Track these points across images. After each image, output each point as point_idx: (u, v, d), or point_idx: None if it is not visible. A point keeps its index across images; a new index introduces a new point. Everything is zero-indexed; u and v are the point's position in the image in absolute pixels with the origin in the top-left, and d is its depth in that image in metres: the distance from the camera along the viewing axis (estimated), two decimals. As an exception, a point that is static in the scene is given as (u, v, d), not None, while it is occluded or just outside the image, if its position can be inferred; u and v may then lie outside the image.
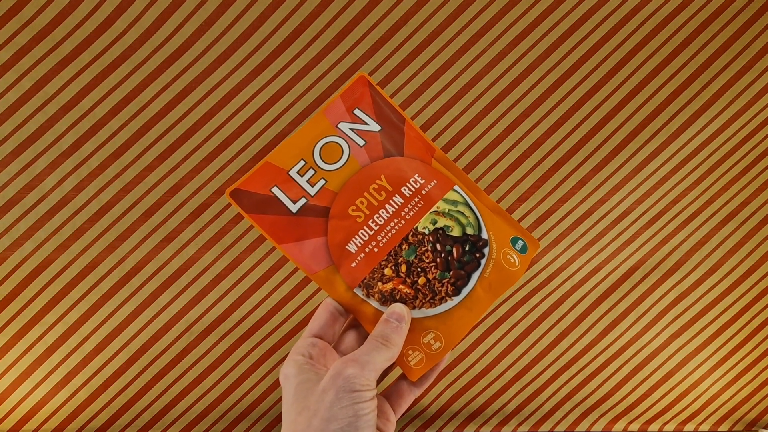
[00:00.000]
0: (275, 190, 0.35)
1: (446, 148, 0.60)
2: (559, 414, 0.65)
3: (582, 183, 0.61)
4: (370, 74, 0.59)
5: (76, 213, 0.58)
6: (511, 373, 0.64)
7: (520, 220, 0.62)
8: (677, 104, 0.61)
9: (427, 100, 0.59)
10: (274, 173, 0.35)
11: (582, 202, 0.62)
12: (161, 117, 0.57)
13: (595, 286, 0.63)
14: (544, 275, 0.63)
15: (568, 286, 0.63)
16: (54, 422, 0.60)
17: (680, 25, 0.60)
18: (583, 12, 0.59)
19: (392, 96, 0.59)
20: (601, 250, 0.63)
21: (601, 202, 0.62)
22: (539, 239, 0.62)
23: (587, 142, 0.61)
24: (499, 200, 0.61)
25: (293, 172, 0.35)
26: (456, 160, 0.60)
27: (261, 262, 0.60)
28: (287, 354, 0.33)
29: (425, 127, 0.60)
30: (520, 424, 0.65)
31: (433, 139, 0.60)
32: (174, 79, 0.57)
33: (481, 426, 0.65)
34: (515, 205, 0.61)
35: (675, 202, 0.63)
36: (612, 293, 0.63)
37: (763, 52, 0.61)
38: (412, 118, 0.59)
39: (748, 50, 0.61)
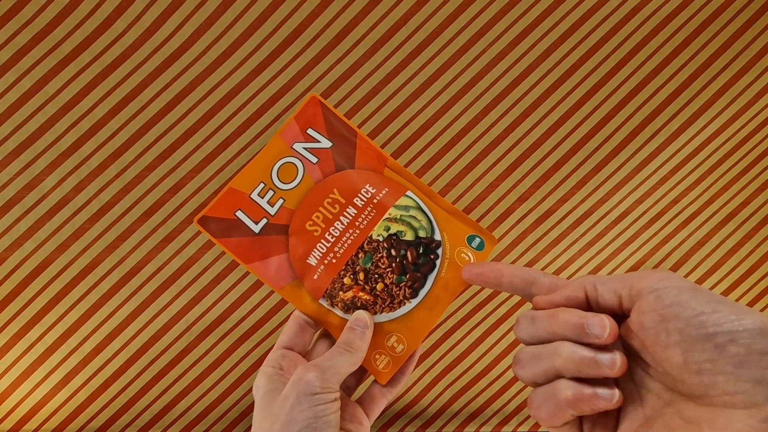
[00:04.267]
0: (239, 214, 0.37)
1: (446, 148, 0.60)
2: (559, 414, 0.65)
3: (582, 183, 0.62)
4: (370, 74, 0.59)
5: (76, 213, 0.58)
6: (511, 373, 0.64)
7: (520, 220, 0.62)
8: (677, 104, 0.61)
9: (427, 100, 0.59)
10: (237, 198, 0.37)
11: (582, 202, 0.62)
12: (161, 117, 0.57)
13: (595, 286, 0.63)
14: (544, 275, 0.63)
15: (568, 286, 0.63)
16: (54, 422, 0.60)
17: (680, 25, 0.60)
18: (583, 12, 0.59)
19: (392, 96, 0.59)
20: (601, 250, 0.63)
21: (601, 202, 0.62)
22: (539, 239, 0.62)
23: (587, 142, 0.61)
24: (499, 200, 0.61)
25: (254, 195, 0.37)
26: (456, 160, 0.60)
27: (261, 262, 0.60)
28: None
29: (425, 128, 0.60)
30: (520, 424, 0.65)
31: (433, 140, 0.60)
32: (174, 79, 0.57)
33: (481, 426, 0.65)
34: (515, 205, 0.61)
35: (675, 202, 0.63)
36: (612, 293, 0.63)
37: (763, 52, 0.61)
38: (412, 119, 0.59)
39: (748, 50, 0.61)
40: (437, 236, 0.36)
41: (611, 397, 0.24)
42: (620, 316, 0.26)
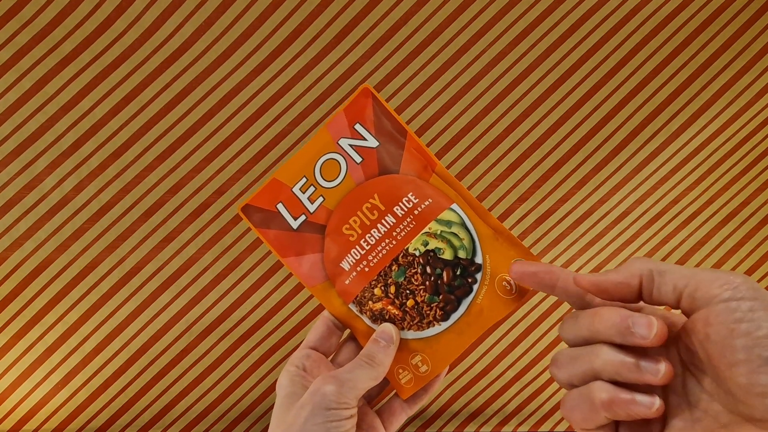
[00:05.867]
0: (279, 207, 0.36)
1: (446, 148, 0.60)
2: (559, 414, 0.65)
3: (582, 183, 0.61)
4: (370, 74, 0.59)
5: (76, 213, 0.58)
6: (511, 373, 0.64)
7: (520, 220, 0.62)
8: (677, 104, 0.61)
9: (427, 100, 0.59)
10: (280, 190, 0.36)
11: (582, 202, 0.62)
12: (161, 117, 0.57)
13: (595, 286, 0.63)
14: (544, 275, 0.63)
15: (568, 286, 0.63)
16: (54, 422, 0.60)
17: (680, 25, 0.60)
18: (583, 12, 0.59)
19: (392, 96, 0.59)
20: (601, 250, 0.63)
21: (601, 202, 0.62)
22: (539, 239, 0.62)
23: (587, 142, 0.61)
24: (499, 200, 0.61)
25: (296, 189, 0.36)
26: (456, 160, 0.60)
27: (261, 262, 0.60)
28: (287, 355, 0.33)
29: (425, 128, 0.60)
30: (520, 424, 0.65)
31: (433, 140, 0.60)
32: (174, 79, 0.57)
33: (481, 426, 0.65)
34: (515, 205, 0.61)
35: (675, 202, 0.63)
36: (612, 293, 0.63)
37: (763, 52, 0.61)
38: (412, 119, 0.59)
39: (748, 50, 0.61)
40: (478, 259, 0.34)
41: (650, 405, 0.22)
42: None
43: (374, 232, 0.34)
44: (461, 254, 0.34)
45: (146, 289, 0.59)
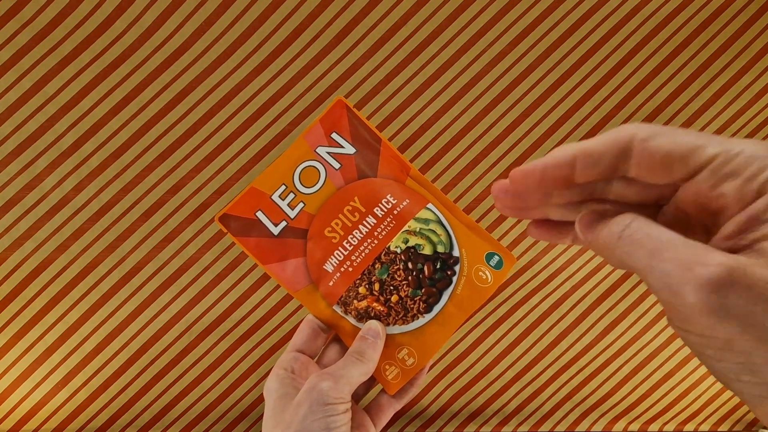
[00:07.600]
0: (259, 214, 0.37)
1: (446, 148, 0.60)
2: (559, 414, 0.65)
3: (582, 183, 0.61)
4: (370, 74, 0.59)
5: (76, 213, 0.58)
6: (511, 373, 0.64)
7: (520, 219, 0.62)
8: (677, 104, 0.61)
9: (427, 100, 0.59)
10: (258, 198, 0.37)
11: (582, 202, 0.62)
12: (161, 117, 0.57)
13: (595, 286, 0.63)
14: (544, 275, 0.63)
15: (568, 286, 0.63)
16: (54, 422, 0.60)
17: (680, 25, 0.60)
18: (583, 12, 0.59)
19: (392, 96, 0.59)
20: (601, 250, 0.63)
21: (601, 202, 0.62)
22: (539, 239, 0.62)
23: (587, 142, 0.61)
24: (499, 200, 0.61)
25: (275, 197, 0.37)
26: (456, 160, 0.60)
27: (261, 262, 0.60)
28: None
29: (425, 128, 0.60)
30: (520, 424, 0.65)
31: (433, 140, 0.60)
32: (174, 79, 0.57)
33: (481, 426, 0.65)
34: (515, 205, 0.61)
35: (675, 202, 0.63)
36: (612, 293, 0.63)
37: (763, 52, 0.61)
38: (412, 119, 0.59)
39: (748, 50, 0.61)
40: (456, 252, 0.36)
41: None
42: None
43: (356, 233, 0.36)
44: (440, 249, 0.36)
45: (146, 289, 0.59)
